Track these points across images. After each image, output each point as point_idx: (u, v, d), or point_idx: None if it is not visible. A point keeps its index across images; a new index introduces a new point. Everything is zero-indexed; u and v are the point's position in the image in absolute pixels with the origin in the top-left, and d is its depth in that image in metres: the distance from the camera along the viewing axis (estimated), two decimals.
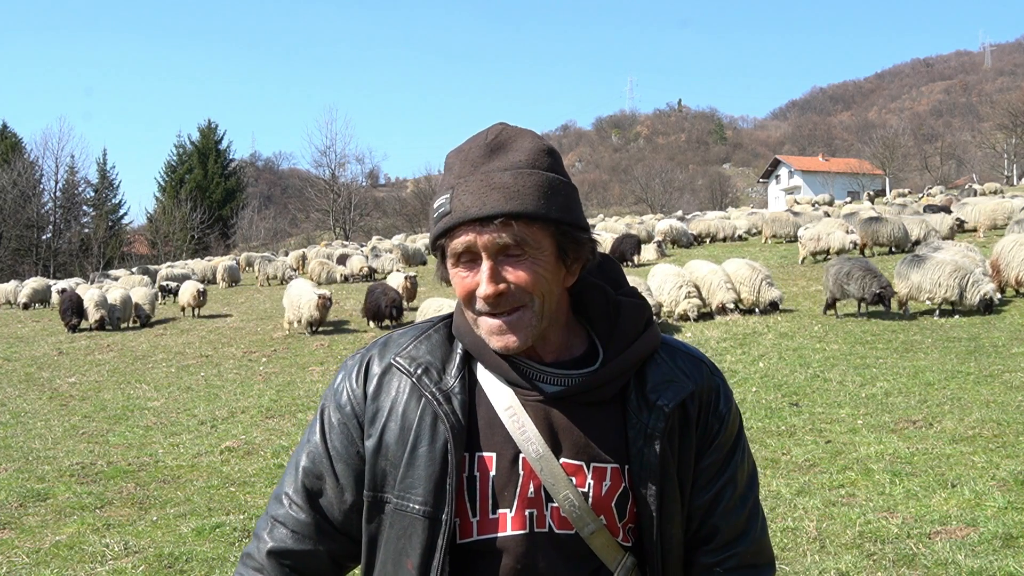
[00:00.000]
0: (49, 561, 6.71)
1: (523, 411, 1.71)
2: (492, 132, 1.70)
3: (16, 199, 65.92)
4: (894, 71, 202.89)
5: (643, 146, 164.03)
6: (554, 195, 1.65)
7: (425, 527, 1.69)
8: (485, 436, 1.72)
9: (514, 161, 1.65)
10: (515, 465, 1.70)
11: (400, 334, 1.86)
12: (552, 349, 1.76)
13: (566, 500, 1.68)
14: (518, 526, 1.69)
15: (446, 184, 1.68)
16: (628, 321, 1.79)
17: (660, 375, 1.77)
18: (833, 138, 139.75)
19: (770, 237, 33.54)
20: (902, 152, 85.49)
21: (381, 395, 1.77)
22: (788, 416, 10.26)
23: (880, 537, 6.33)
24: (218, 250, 68.53)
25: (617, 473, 1.73)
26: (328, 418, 1.82)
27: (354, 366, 1.83)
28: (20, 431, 12.10)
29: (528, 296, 1.65)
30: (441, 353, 1.79)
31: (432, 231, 1.70)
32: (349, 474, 1.78)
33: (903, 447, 8.56)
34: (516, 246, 1.62)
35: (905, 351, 13.77)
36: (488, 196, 1.61)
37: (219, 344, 20.51)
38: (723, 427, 1.82)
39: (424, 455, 1.70)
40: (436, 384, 1.74)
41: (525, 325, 1.66)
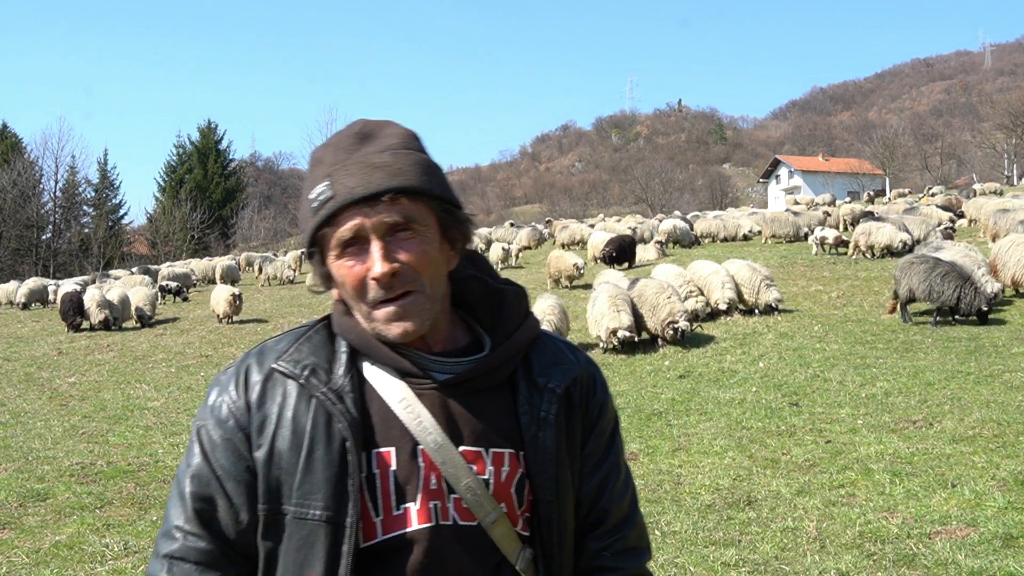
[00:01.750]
0: (49, 561, 6.71)
1: (418, 402, 1.69)
2: (357, 124, 1.71)
3: (16, 199, 65.87)
4: (894, 71, 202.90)
5: (643, 146, 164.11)
6: (433, 173, 1.67)
7: (328, 533, 1.62)
8: (381, 432, 1.68)
9: (388, 144, 1.66)
10: (415, 457, 1.67)
11: (276, 340, 1.79)
12: (440, 339, 1.76)
13: (467, 489, 1.67)
14: (424, 519, 1.66)
15: (319, 175, 1.65)
16: (511, 308, 1.82)
17: (546, 359, 1.80)
18: (833, 138, 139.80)
19: (770, 237, 33.53)
20: (902, 152, 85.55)
21: (266, 403, 1.69)
22: (788, 416, 10.26)
23: (880, 537, 6.33)
24: (218, 250, 68.49)
25: (514, 458, 1.73)
26: (208, 437, 1.70)
27: (230, 379, 1.74)
28: (20, 431, 12.10)
29: (419, 278, 1.64)
30: (325, 353, 1.74)
31: (310, 224, 1.64)
32: (241, 492, 1.67)
33: (903, 447, 8.57)
34: (405, 224, 1.62)
35: (905, 351, 13.76)
36: (372, 175, 1.60)
37: (219, 344, 20.52)
38: (603, 412, 1.85)
39: (321, 458, 1.63)
40: (325, 384, 1.68)
41: (420, 309, 1.66)
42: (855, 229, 25.80)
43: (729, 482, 7.99)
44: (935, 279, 15.37)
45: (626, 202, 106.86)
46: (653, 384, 12.91)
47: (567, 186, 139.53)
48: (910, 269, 15.88)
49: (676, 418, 10.74)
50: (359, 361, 1.73)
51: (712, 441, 9.46)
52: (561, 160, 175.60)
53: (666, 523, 6.97)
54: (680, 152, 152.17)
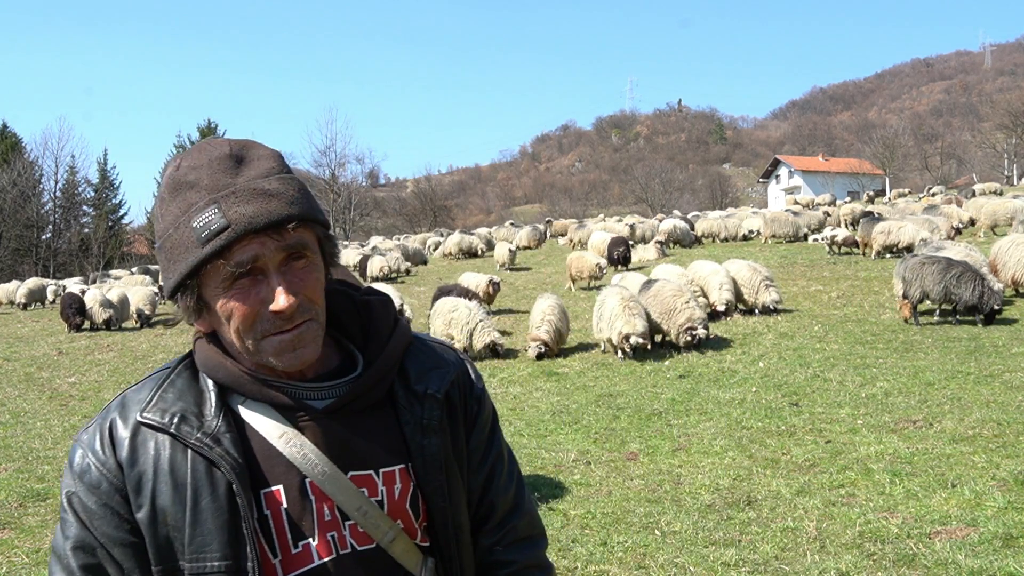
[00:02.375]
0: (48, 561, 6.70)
1: (299, 435, 1.63)
2: (224, 144, 1.61)
3: (16, 199, 65.86)
4: (894, 71, 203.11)
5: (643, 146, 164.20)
6: (311, 198, 1.63)
7: None
8: (266, 470, 1.61)
9: (268, 167, 1.59)
10: (304, 491, 1.62)
11: (135, 390, 1.68)
12: (313, 365, 1.68)
13: (360, 512, 1.63)
14: (325, 553, 1.62)
15: (200, 201, 1.53)
16: (379, 319, 1.78)
17: (421, 365, 1.77)
18: (833, 138, 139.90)
19: (770, 237, 33.53)
20: (902, 152, 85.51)
21: (139, 460, 1.58)
22: (788, 416, 10.26)
23: (880, 537, 6.33)
24: None
25: (404, 473, 1.70)
26: (82, 506, 1.59)
27: (93, 438, 1.62)
28: (20, 431, 12.10)
29: (314, 307, 1.60)
30: (192, 396, 1.64)
31: (197, 254, 1.52)
32: (130, 556, 1.58)
33: (903, 447, 8.57)
34: (299, 252, 1.57)
35: (905, 351, 13.77)
36: (270, 203, 1.53)
37: None
38: (482, 406, 1.85)
39: (208, 507, 1.55)
40: (199, 429, 1.59)
41: (314, 336, 1.61)
42: (873, 228, 25.61)
43: (729, 482, 7.99)
44: (951, 280, 15.17)
45: (626, 202, 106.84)
46: (653, 384, 12.90)
47: (567, 186, 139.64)
48: (921, 270, 15.57)
49: (676, 418, 10.74)
50: (230, 399, 1.66)
51: (712, 441, 9.45)
52: (561, 160, 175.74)
53: (666, 523, 6.97)
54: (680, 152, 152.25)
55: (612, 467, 8.79)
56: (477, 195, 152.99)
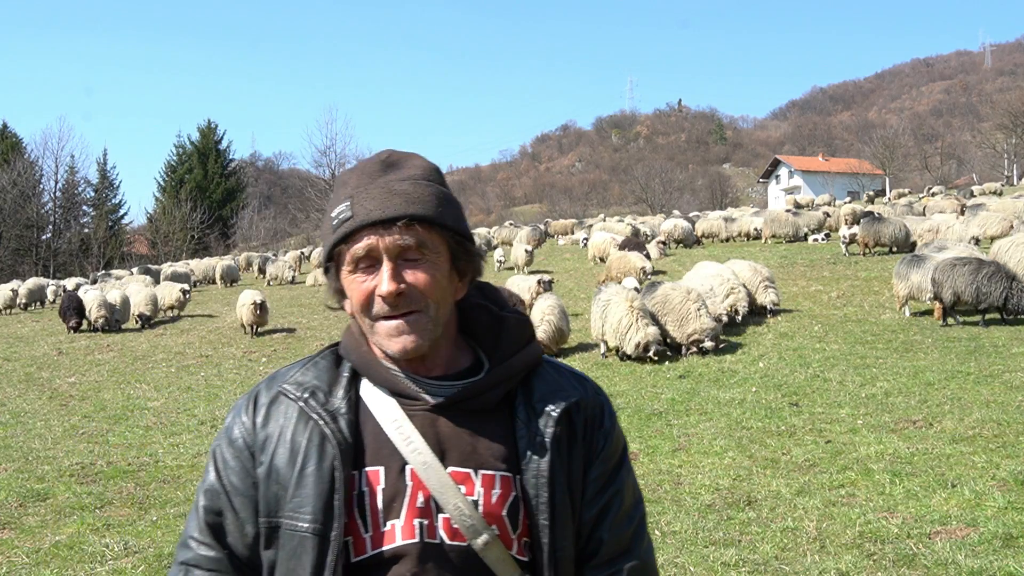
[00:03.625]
0: (49, 561, 6.71)
1: (408, 422, 1.75)
2: (384, 153, 1.81)
3: (16, 199, 65.90)
4: (894, 71, 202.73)
5: (643, 146, 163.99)
6: (449, 206, 1.77)
7: (315, 545, 1.70)
8: (372, 451, 1.75)
9: (411, 174, 1.76)
10: (402, 476, 1.73)
11: (288, 366, 1.91)
12: (439, 363, 1.82)
13: (456, 509, 1.70)
14: (408, 535, 1.71)
15: (342, 196, 1.76)
16: (511, 334, 1.87)
17: (546, 386, 1.84)
18: (833, 138, 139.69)
19: (770, 237, 33.54)
20: (902, 152, 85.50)
21: (270, 423, 1.80)
22: (788, 416, 10.26)
23: (880, 537, 6.33)
24: (218, 250, 68.49)
25: (507, 481, 1.75)
26: (221, 456, 1.83)
27: (243, 403, 1.87)
28: (20, 431, 12.10)
29: (425, 300, 1.73)
30: (328, 377, 1.84)
31: (330, 239, 1.76)
32: (248, 507, 1.78)
33: (903, 447, 8.57)
34: (416, 249, 1.71)
35: (905, 351, 13.77)
36: (390, 201, 1.71)
37: (219, 344, 20.52)
38: (608, 442, 1.86)
39: (312, 474, 1.72)
40: (323, 405, 1.78)
41: (422, 328, 1.73)
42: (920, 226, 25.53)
43: (729, 482, 7.99)
44: (983, 280, 15.00)
45: (626, 202, 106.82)
46: (653, 384, 12.90)
47: (567, 186, 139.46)
48: (952, 271, 15.33)
49: (676, 418, 10.74)
50: (359, 383, 1.83)
51: (712, 441, 9.46)
52: (561, 160, 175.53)
53: (666, 523, 6.97)
54: (680, 152, 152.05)
55: None
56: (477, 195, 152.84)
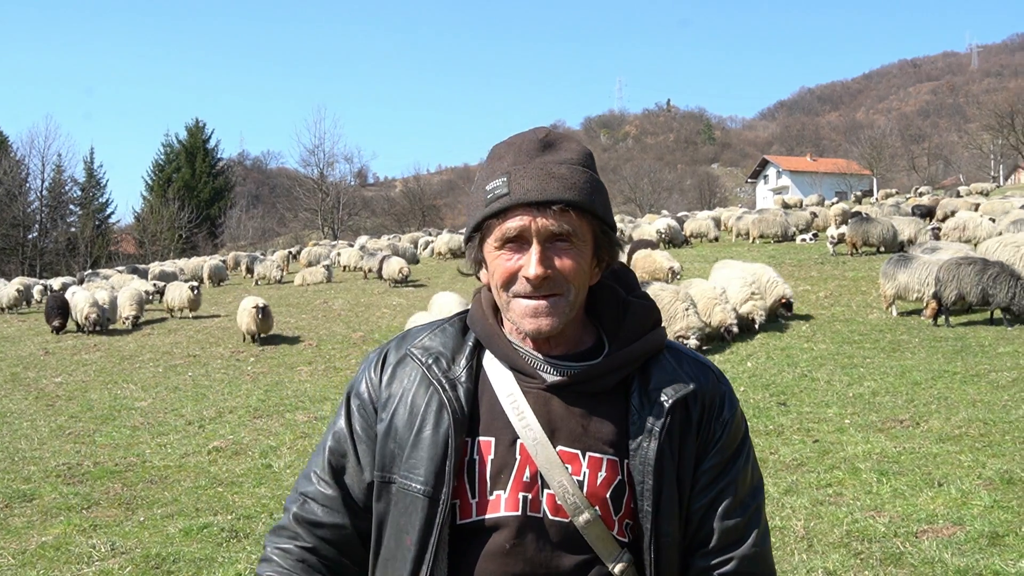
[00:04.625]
0: (35, 562, 6.68)
1: (523, 398, 1.80)
2: (542, 131, 1.82)
3: (2, 198, 65.56)
4: (881, 72, 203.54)
5: (632, 146, 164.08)
6: (599, 194, 1.80)
7: (424, 506, 1.77)
8: (486, 422, 1.81)
9: (567, 157, 1.78)
10: (512, 449, 1.78)
11: (418, 328, 1.98)
12: (563, 342, 1.85)
13: (560, 486, 1.74)
14: (511, 507, 1.76)
15: (498, 170, 1.78)
16: (635, 319, 1.89)
17: (664, 375, 1.85)
18: (821, 138, 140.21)
19: (758, 237, 33.62)
20: (889, 152, 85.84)
21: (394, 382, 1.89)
22: (776, 415, 10.28)
23: (867, 536, 6.35)
24: (206, 249, 68.29)
25: (614, 465, 1.78)
26: (351, 403, 1.94)
27: (374, 357, 1.96)
28: (6, 431, 12.04)
29: (567, 285, 1.76)
30: (453, 344, 1.90)
31: (481, 211, 1.78)
32: (368, 454, 1.88)
33: (890, 446, 8.60)
34: (566, 235, 1.74)
35: (892, 351, 13.83)
36: (548, 183, 1.72)
37: (207, 344, 20.44)
38: (725, 433, 1.86)
39: (428, 438, 1.79)
40: (444, 373, 1.84)
41: (559, 311, 1.77)
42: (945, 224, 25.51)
43: None
44: (988, 281, 14.94)
45: (615, 202, 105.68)
46: None
47: None
48: (958, 271, 15.28)
49: None
50: (482, 353, 1.89)
51: None
52: None
53: None
54: (669, 152, 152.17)
55: None
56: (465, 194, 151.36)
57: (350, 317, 23.20)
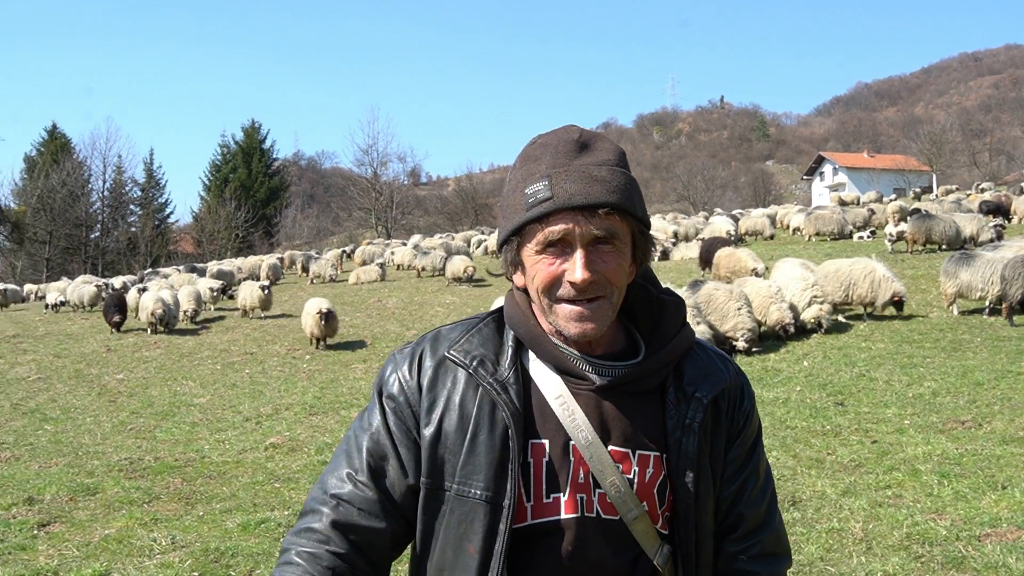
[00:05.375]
0: (99, 554, 6.82)
1: (573, 400, 1.79)
2: (575, 131, 1.79)
3: (65, 199, 67.11)
4: (941, 65, 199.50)
5: (685, 143, 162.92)
6: (637, 195, 1.79)
7: (487, 512, 1.75)
8: (538, 423, 1.79)
9: (605, 159, 1.76)
10: (566, 451, 1.77)
11: (449, 329, 1.93)
12: (603, 343, 1.85)
13: (612, 486, 1.76)
14: (571, 510, 1.76)
15: (536, 173, 1.75)
16: (669, 318, 1.91)
17: (696, 369, 1.88)
18: (878, 134, 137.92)
19: (814, 235, 33.19)
20: (950, 148, 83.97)
21: (437, 386, 1.83)
22: (833, 416, 10.15)
23: (928, 539, 6.24)
24: (262, 248, 69.15)
25: (658, 461, 1.82)
26: (389, 404, 1.87)
27: (404, 359, 1.89)
28: (70, 427, 12.32)
29: (610, 287, 1.76)
30: (493, 346, 1.87)
31: (522, 215, 1.75)
32: (410, 458, 1.83)
33: (952, 448, 8.44)
34: (608, 238, 1.73)
35: (953, 350, 13.56)
36: (592, 187, 1.70)
37: (263, 342, 20.72)
38: (748, 423, 1.94)
39: (485, 442, 1.76)
40: (492, 375, 1.81)
41: (603, 314, 1.76)
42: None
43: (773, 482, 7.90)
44: None
45: (667, 200, 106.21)
46: None
47: None
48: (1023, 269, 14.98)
49: None
50: (523, 355, 1.87)
51: None
52: None
53: None
54: (722, 149, 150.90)
55: None
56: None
57: (404, 315, 23.37)
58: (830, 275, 16.79)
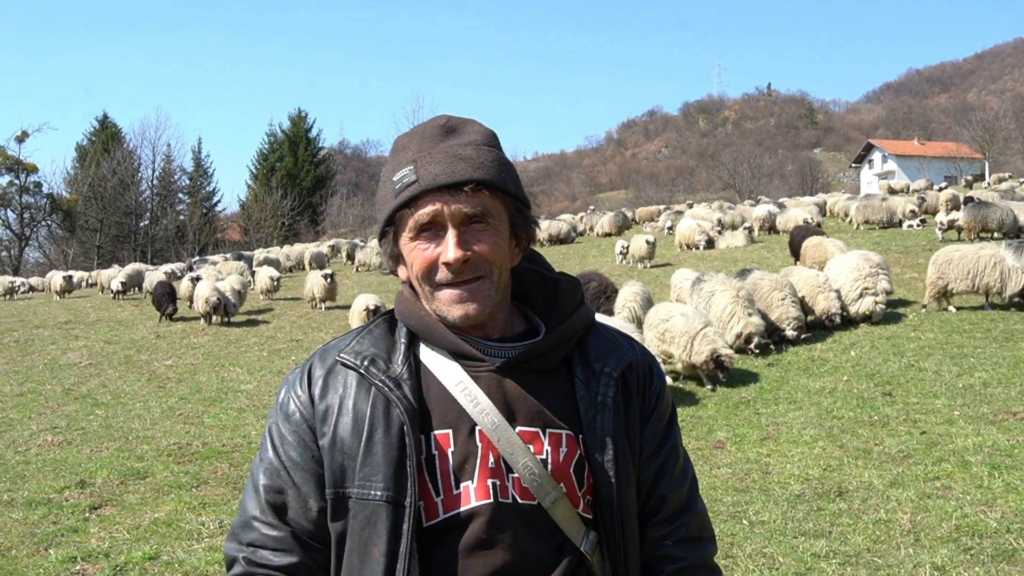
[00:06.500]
0: (148, 537, 6.95)
1: (474, 384, 1.76)
2: (443, 118, 1.80)
3: (115, 187, 68.17)
4: (995, 51, 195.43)
5: (731, 131, 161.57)
6: (509, 171, 1.77)
7: (389, 513, 1.69)
8: (438, 415, 1.75)
9: (472, 139, 1.76)
10: (472, 437, 1.74)
11: (339, 338, 1.90)
12: (498, 327, 1.84)
13: (526, 468, 1.72)
14: (482, 496, 1.72)
15: (403, 160, 1.74)
16: (565, 296, 1.89)
17: (601, 345, 1.87)
18: (929, 121, 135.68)
19: (862, 223, 32.72)
20: (1003, 135, 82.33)
21: (328, 394, 1.79)
22: (881, 406, 10.02)
23: (978, 531, 6.15)
24: (307, 236, 69.79)
25: (572, 440, 1.78)
26: (277, 432, 1.81)
27: (295, 378, 1.85)
28: (120, 412, 12.53)
29: (489, 266, 1.74)
30: (385, 345, 1.83)
31: (391, 203, 1.74)
32: (309, 481, 1.76)
33: (1003, 439, 8.30)
34: (481, 216, 1.72)
35: (1005, 340, 13.32)
36: (455, 165, 1.69)
37: (309, 329, 20.90)
38: (660, 401, 1.91)
39: (381, 441, 1.71)
40: (384, 372, 1.76)
41: (484, 295, 1.74)
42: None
43: (819, 472, 7.85)
44: None
45: (713, 188, 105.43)
46: (740, 372, 12.73)
47: (653, 172, 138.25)
48: None
49: (764, 406, 10.59)
50: (417, 348, 1.83)
51: (801, 430, 9.29)
52: (647, 146, 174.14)
53: (754, 512, 6.89)
54: (769, 137, 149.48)
55: (699, 455, 8.71)
56: (562, 181, 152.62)
57: None
58: (954, 262, 15.92)
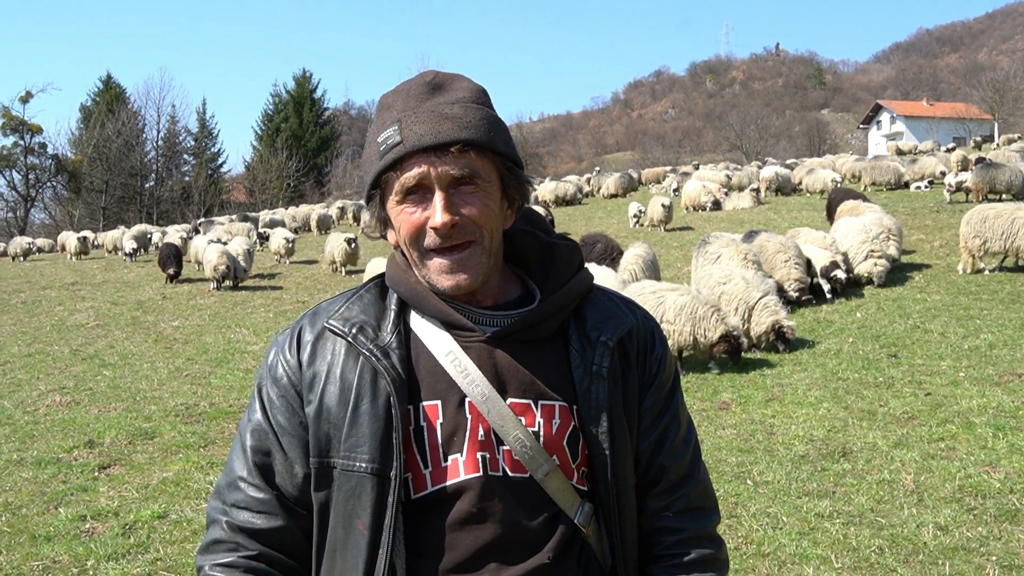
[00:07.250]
0: (157, 496, 7.01)
1: (464, 354, 1.70)
2: (429, 74, 1.71)
3: (120, 148, 68.07)
4: (1006, 10, 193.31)
5: (738, 92, 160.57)
6: (499, 130, 1.68)
7: (374, 485, 1.65)
8: (427, 386, 1.70)
9: (459, 97, 1.66)
10: (461, 409, 1.68)
11: (330, 301, 1.84)
12: (491, 294, 1.77)
13: (517, 441, 1.66)
14: (471, 469, 1.66)
15: (388, 120, 1.66)
16: (562, 261, 1.81)
17: (598, 313, 1.79)
18: (939, 82, 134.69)
19: (870, 184, 32.57)
20: (1013, 96, 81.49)
21: (316, 360, 1.74)
22: (886, 367, 10.03)
23: (981, 492, 6.18)
24: (313, 198, 69.64)
25: (565, 411, 1.71)
26: (267, 394, 1.77)
27: (285, 339, 1.80)
28: (128, 372, 12.59)
29: (479, 230, 1.66)
30: (375, 311, 1.78)
31: (376, 167, 1.66)
32: (296, 446, 1.73)
33: (1007, 401, 8.31)
34: (469, 178, 1.63)
35: (1011, 302, 13.29)
36: (442, 125, 1.61)
37: (314, 290, 20.94)
38: (661, 368, 1.83)
39: (367, 412, 1.66)
40: (372, 341, 1.71)
41: (476, 262, 1.67)
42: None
43: (824, 433, 7.87)
44: None
45: (720, 149, 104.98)
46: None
47: (660, 133, 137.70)
48: None
49: (769, 367, 10.61)
50: (407, 315, 1.77)
51: (806, 391, 9.31)
52: (654, 107, 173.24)
53: (758, 473, 6.92)
54: (777, 98, 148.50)
55: (704, 416, 8.74)
56: (568, 143, 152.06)
57: None
58: (989, 220, 15.51)
